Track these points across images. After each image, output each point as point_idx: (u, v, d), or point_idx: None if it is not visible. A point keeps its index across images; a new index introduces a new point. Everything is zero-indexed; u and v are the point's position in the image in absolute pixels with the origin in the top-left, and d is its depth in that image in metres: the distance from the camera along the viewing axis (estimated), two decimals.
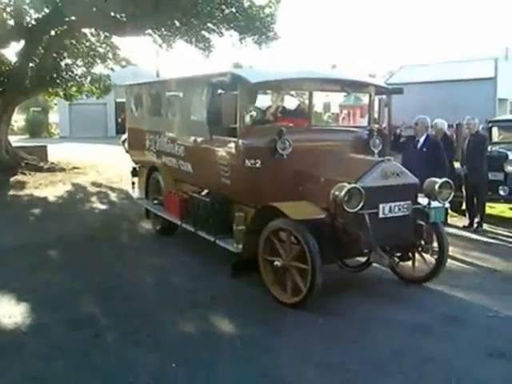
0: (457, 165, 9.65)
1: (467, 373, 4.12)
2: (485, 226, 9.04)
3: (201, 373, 4.10)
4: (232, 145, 6.20)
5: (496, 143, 10.71)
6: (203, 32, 16.89)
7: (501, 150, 10.02)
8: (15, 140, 22.82)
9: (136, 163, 9.64)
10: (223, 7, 15.91)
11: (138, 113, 9.48)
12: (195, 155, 7.16)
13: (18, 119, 38.24)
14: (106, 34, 18.01)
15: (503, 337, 4.79)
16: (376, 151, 6.64)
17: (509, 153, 9.74)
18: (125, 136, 27.94)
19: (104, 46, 18.79)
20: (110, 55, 18.97)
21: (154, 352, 4.45)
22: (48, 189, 13.48)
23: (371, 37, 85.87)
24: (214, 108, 6.62)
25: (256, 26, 16.19)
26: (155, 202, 8.46)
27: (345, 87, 7.11)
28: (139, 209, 9.70)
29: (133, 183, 9.69)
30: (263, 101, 8.24)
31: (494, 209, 10.38)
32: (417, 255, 5.99)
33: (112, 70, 19.30)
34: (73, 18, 15.94)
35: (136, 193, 9.57)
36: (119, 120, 39.94)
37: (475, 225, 9.02)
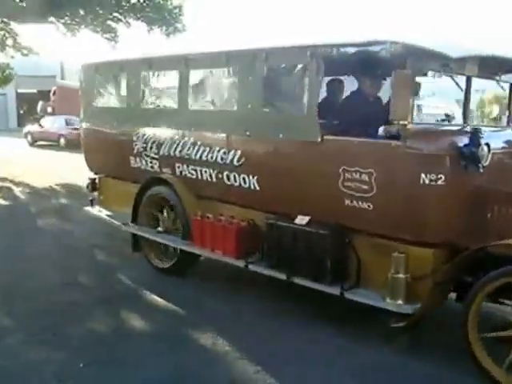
0: None
1: None
2: None
3: (110, 371, 4.00)
4: (387, 151, 4.32)
5: None
6: (109, 22, 16.50)
7: None
8: None
9: (97, 173, 7.51)
10: None
11: (116, 104, 7.23)
12: (272, 165, 5.14)
13: None
14: (4, 19, 17.08)
15: None
16: None
17: None
18: (28, 128, 26.71)
19: (2, 32, 17.81)
20: (9, 43, 18.02)
21: (60, 352, 4.29)
22: None
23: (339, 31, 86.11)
24: (332, 94, 5.38)
25: (164, 17, 16.07)
26: (159, 229, 6.29)
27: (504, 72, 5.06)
28: (46, 203, 9.28)
29: (91, 200, 7.46)
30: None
31: None
32: None
33: (12, 57, 18.39)
34: None
35: (103, 213, 7.15)
36: (21, 112, 38.31)
37: None
